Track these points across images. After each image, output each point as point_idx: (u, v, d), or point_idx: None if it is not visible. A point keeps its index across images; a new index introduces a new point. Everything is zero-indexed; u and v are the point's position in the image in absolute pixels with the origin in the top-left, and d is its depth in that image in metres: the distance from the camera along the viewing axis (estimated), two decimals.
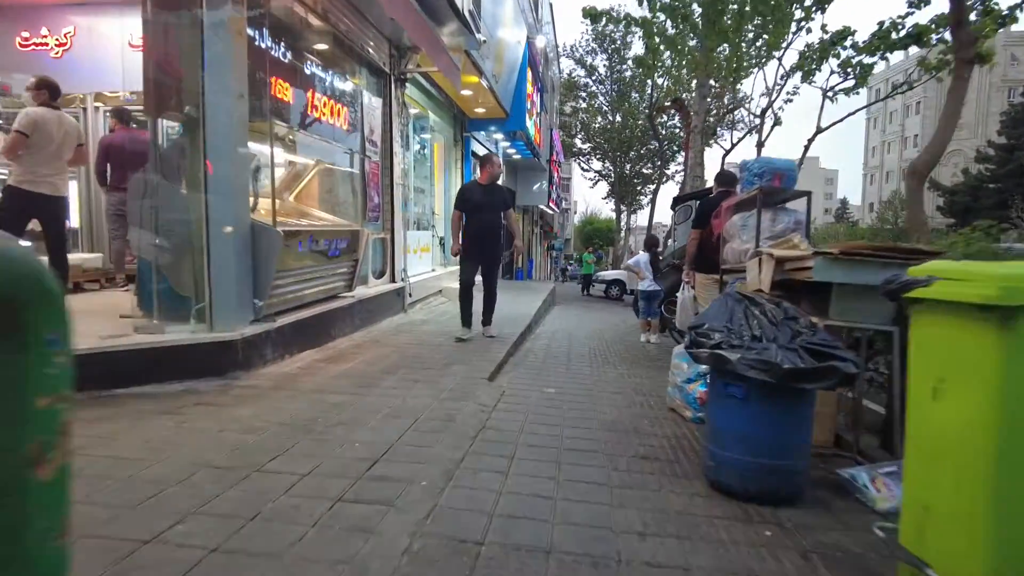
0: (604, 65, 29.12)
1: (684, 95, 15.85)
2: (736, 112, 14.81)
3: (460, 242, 5.80)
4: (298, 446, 2.77)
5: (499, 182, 6.18)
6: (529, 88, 12.35)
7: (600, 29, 28.12)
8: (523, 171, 18.63)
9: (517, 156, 14.82)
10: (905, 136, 65.10)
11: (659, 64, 11.82)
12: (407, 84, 7.85)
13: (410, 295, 7.49)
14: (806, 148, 7.20)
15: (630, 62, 28.52)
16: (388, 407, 3.45)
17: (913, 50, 7.69)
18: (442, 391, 3.86)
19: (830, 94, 7.61)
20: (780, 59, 7.58)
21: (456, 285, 9.99)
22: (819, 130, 7.04)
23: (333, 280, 5.54)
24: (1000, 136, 45.25)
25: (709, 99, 13.59)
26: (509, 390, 4.22)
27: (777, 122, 7.76)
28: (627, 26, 10.20)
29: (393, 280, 7.33)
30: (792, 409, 2.46)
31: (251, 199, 4.18)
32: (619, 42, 28.19)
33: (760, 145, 7.50)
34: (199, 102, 3.89)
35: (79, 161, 4.91)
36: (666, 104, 15.56)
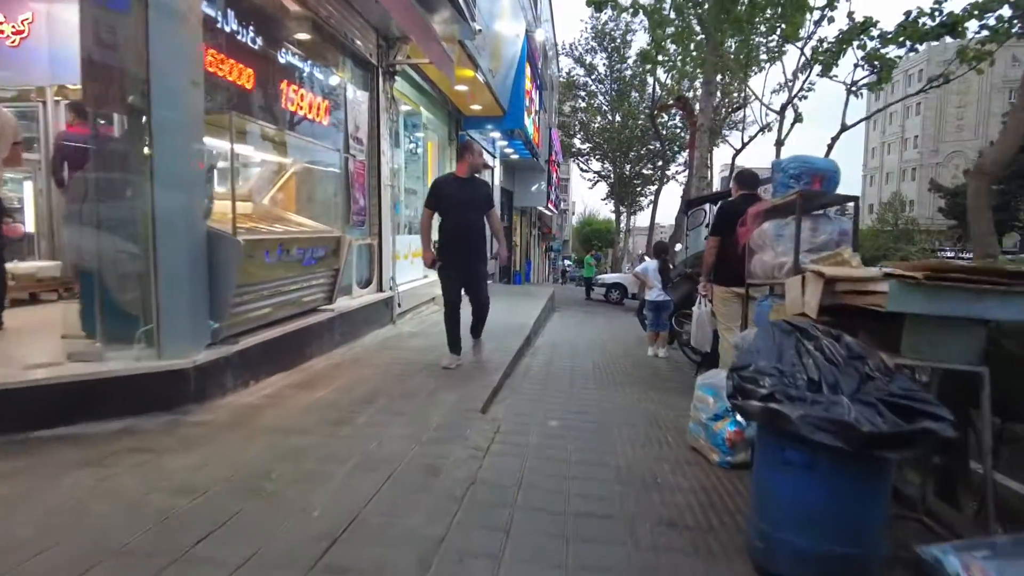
0: (604, 64, 28.61)
1: (688, 93, 15.32)
2: (743, 111, 14.29)
3: (432, 259, 4.91)
4: (241, 515, 2.21)
5: (488, 179, 5.47)
6: (528, 85, 11.80)
7: (600, 27, 27.64)
8: (521, 171, 18.08)
9: (515, 156, 14.27)
10: (905, 137, 64.67)
11: (665, 60, 11.29)
12: (396, 78, 7.29)
13: (399, 305, 6.93)
14: (829, 147, 6.68)
15: (631, 60, 28.12)
16: (360, 453, 2.89)
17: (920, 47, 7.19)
18: (426, 429, 3.30)
19: (854, 88, 7.08)
20: (802, 49, 7.05)
21: None
22: (844, 128, 6.52)
23: (310, 292, 4.98)
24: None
25: (716, 96, 13.04)
26: (505, 424, 3.66)
27: (798, 118, 7.21)
28: (634, 14, 9.65)
29: (380, 289, 6.77)
30: (869, 481, 1.92)
31: (207, 203, 3.62)
32: (619, 40, 27.69)
33: (780, 143, 6.98)
34: (144, 90, 3.33)
35: (13, 162, 4.33)
36: (669, 103, 15.04)
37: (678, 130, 26.37)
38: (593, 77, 28.85)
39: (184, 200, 3.45)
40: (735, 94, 14.29)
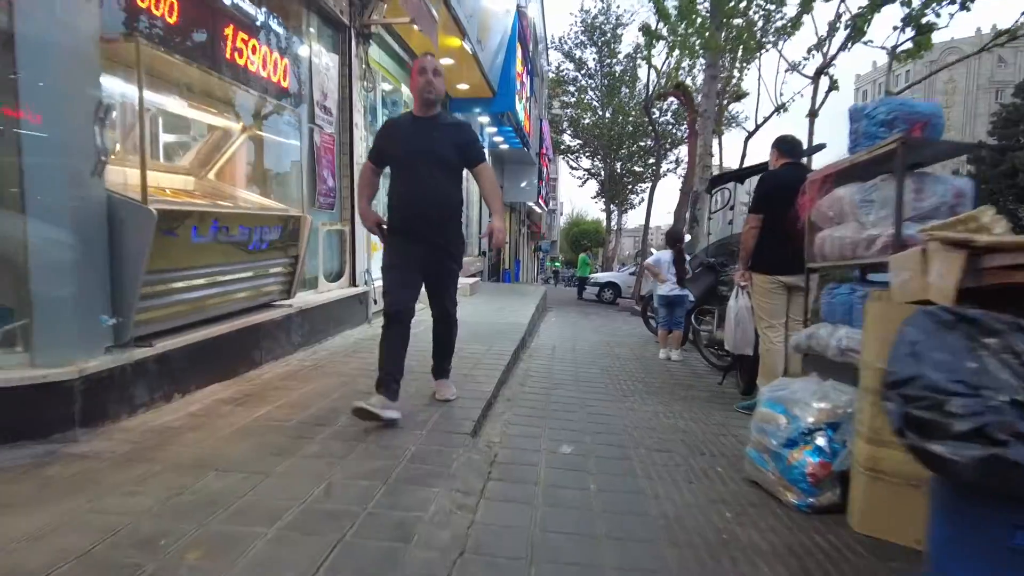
0: (593, 58, 27.83)
1: (687, 80, 14.57)
2: (741, 101, 13.50)
3: (374, 219, 3.19)
4: None
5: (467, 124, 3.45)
6: (519, 67, 10.96)
7: (590, 21, 26.89)
8: (511, 164, 17.22)
9: (505, 145, 13.40)
10: None
11: (671, 38, 10.49)
12: (373, 44, 6.41)
13: (375, 302, 6.03)
14: None
15: (621, 56, 27.42)
16: (298, 502, 2.01)
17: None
18: (398, 461, 2.42)
19: (898, 51, 6.32)
20: (839, 9, 6.32)
21: None
22: (891, 95, 5.77)
23: (260, 283, 4.07)
24: (991, 136, 44.82)
25: (720, 81, 12.28)
26: (504, 451, 2.80)
27: (834, 85, 6.44)
28: None
29: (353, 283, 5.87)
30: None
31: (101, 159, 2.70)
32: (609, 35, 26.97)
33: (813, 114, 6.22)
34: (5, 5, 2.43)
35: None
36: (666, 92, 14.25)
37: (670, 127, 25.71)
38: (583, 72, 28.08)
39: (67, 154, 2.54)
40: (735, 82, 13.49)
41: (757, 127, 11.60)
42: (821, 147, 3.98)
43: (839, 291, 2.79)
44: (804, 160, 3.91)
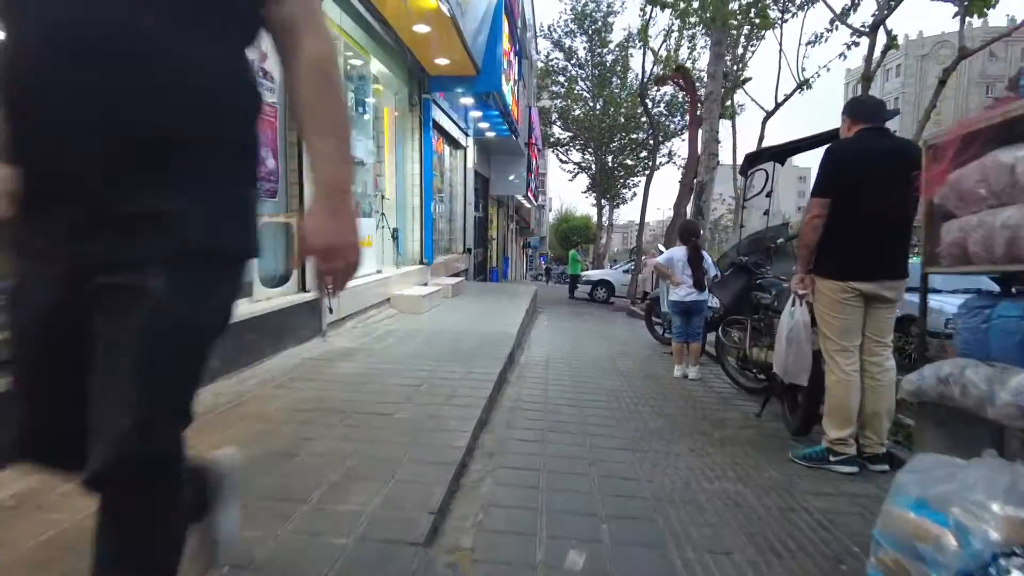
0: (584, 48, 26.82)
1: (688, 62, 13.58)
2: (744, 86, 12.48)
3: None
4: None
5: None
6: (505, 44, 9.89)
7: (580, 8, 25.88)
8: (498, 155, 16.15)
9: (491, 133, 12.33)
10: None
11: (679, 4, 9.49)
12: (334, 3, 5.34)
13: (331, 311, 4.97)
14: (942, 83, 4.87)
15: (612, 45, 26.43)
16: None
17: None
18: None
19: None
20: None
21: (414, 292, 7.50)
22: (963, 53, 4.82)
23: None
24: None
25: (727, 60, 11.29)
26: (481, 570, 1.76)
27: (892, 43, 5.49)
28: None
29: (303, 288, 4.80)
30: None
31: None
32: (600, 23, 25.98)
33: (868, 79, 5.29)
34: None
35: None
36: (665, 76, 13.24)
37: (662, 118, 24.77)
38: (572, 62, 27.05)
39: None
40: (740, 66, 12.51)
41: (777, 106, 10.60)
42: (895, 113, 3.03)
43: (1003, 312, 1.79)
44: (888, 125, 2.93)
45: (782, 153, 4.08)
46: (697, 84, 12.72)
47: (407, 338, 5.26)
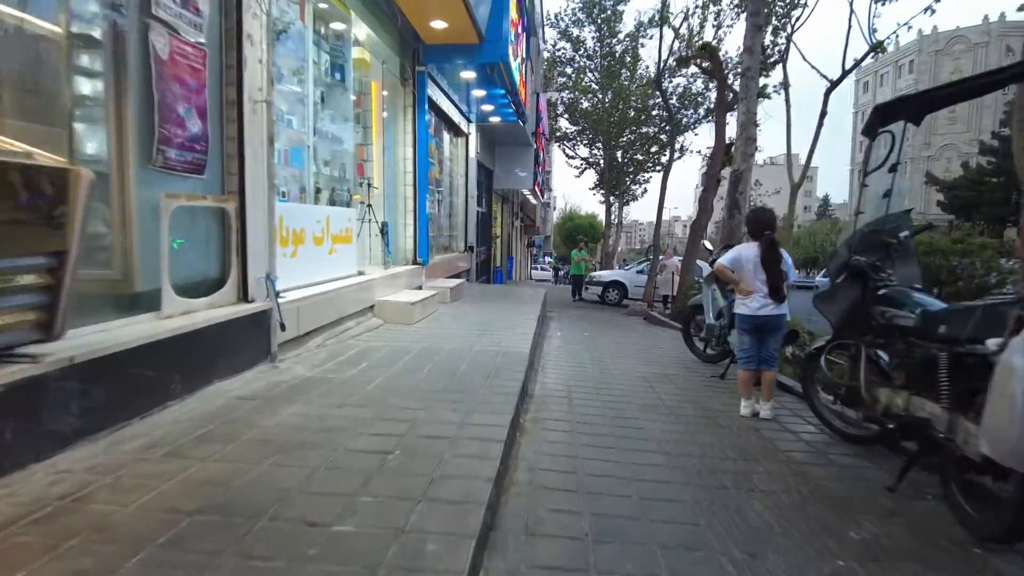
0: (592, 37, 25.53)
1: (715, 41, 12.31)
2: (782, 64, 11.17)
3: None
4: None
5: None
6: (513, 14, 8.63)
7: None
8: (503, 146, 14.88)
9: (496, 119, 11.07)
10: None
11: None
12: None
13: (282, 327, 3.72)
14: None
15: (622, 36, 25.21)
16: None
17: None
18: None
19: None
20: None
21: (403, 298, 6.24)
22: None
23: None
24: (1004, 127, 42.97)
25: (766, 33, 10.03)
26: None
27: None
28: None
29: (245, 298, 3.56)
30: None
31: None
32: (609, 11, 24.71)
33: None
34: None
35: None
36: (689, 57, 11.98)
37: (676, 112, 23.55)
38: (580, 52, 25.77)
39: None
40: (783, 37, 11.22)
41: (844, 73, 9.31)
42: None
43: None
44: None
45: (932, 102, 2.83)
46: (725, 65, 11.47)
47: (387, 361, 4.02)
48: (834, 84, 9.26)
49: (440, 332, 5.38)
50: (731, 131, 11.95)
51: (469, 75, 8.18)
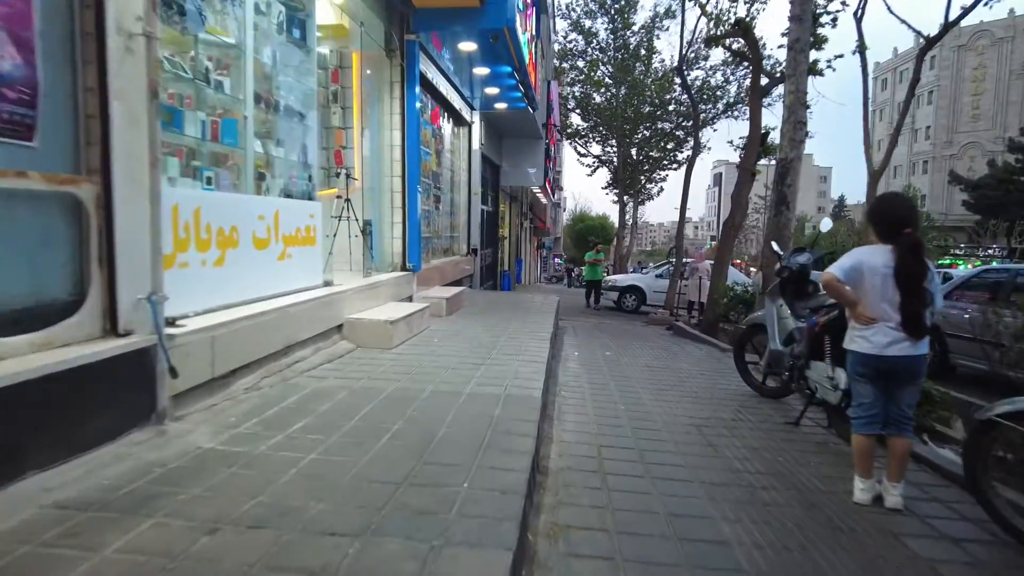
0: (606, 29, 24.26)
1: (748, 18, 11.02)
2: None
3: None
4: None
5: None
6: None
7: None
8: (512, 139, 13.62)
9: (502, 105, 9.80)
10: (916, 128, 61.27)
11: None
12: None
13: (172, 373, 2.51)
14: None
15: (636, 27, 23.98)
16: None
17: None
18: None
19: None
20: None
21: (382, 315, 4.99)
22: None
23: None
24: None
25: None
26: None
27: None
28: None
29: (114, 329, 2.35)
30: None
31: None
32: (623, 1, 23.44)
33: None
34: None
35: None
36: (721, 36, 10.70)
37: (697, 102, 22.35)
38: (593, 45, 24.52)
39: None
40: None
41: (947, 26, 8.00)
42: None
43: None
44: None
45: None
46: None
47: (337, 417, 2.80)
48: (932, 41, 7.93)
49: (426, 360, 4.16)
50: (767, 119, 10.66)
51: (469, 47, 6.95)
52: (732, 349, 4.84)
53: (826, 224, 4.19)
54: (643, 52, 24.27)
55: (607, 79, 24.63)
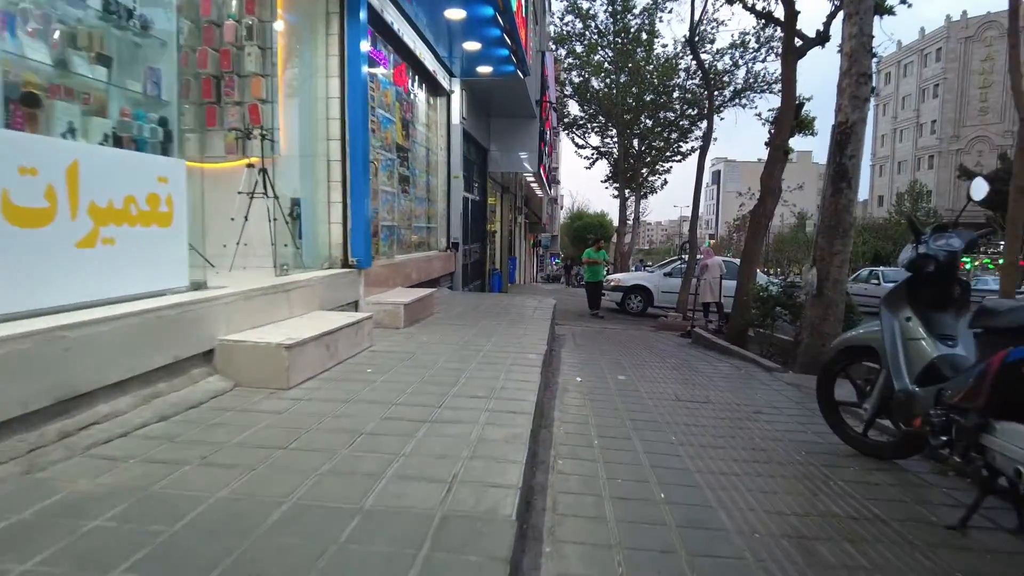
0: (605, 12, 22.61)
1: None
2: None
3: None
4: None
5: None
6: None
7: None
8: (501, 117, 11.97)
9: (487, 69, 8.17)
10: (921, 122, 59.86)
11: None
12: None
13: None
14: None
15: (637, 10, 22.35)
16: None
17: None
18: None
19: None
20: None
21: (276, 336, 3.29)
22: None
23: None
24: None
25: None
26: None
27: None
28: None
29: None
30: None
31: None
32: None
33: None
34: None
35: None
36: None
37: (702, 96, 20.78)
38: (591, 28, 22.86)
39: None
40: None
41: None
42: None
43: None
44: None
45: None
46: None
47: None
48: None
49: (330, 416, 2.52)
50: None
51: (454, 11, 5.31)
52: (816, 382, 3.21)
53: (979, 188, 2.55)
54: (644, 36, 22.66)
55: (607, 64, 23.02)
